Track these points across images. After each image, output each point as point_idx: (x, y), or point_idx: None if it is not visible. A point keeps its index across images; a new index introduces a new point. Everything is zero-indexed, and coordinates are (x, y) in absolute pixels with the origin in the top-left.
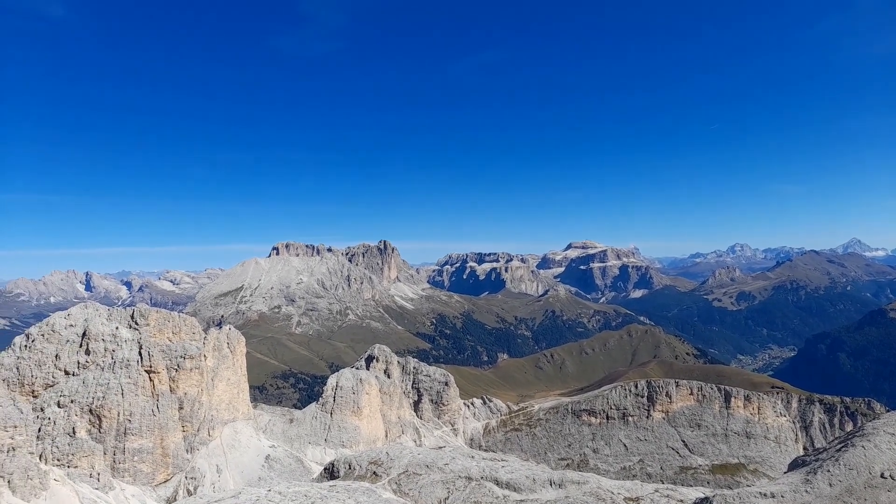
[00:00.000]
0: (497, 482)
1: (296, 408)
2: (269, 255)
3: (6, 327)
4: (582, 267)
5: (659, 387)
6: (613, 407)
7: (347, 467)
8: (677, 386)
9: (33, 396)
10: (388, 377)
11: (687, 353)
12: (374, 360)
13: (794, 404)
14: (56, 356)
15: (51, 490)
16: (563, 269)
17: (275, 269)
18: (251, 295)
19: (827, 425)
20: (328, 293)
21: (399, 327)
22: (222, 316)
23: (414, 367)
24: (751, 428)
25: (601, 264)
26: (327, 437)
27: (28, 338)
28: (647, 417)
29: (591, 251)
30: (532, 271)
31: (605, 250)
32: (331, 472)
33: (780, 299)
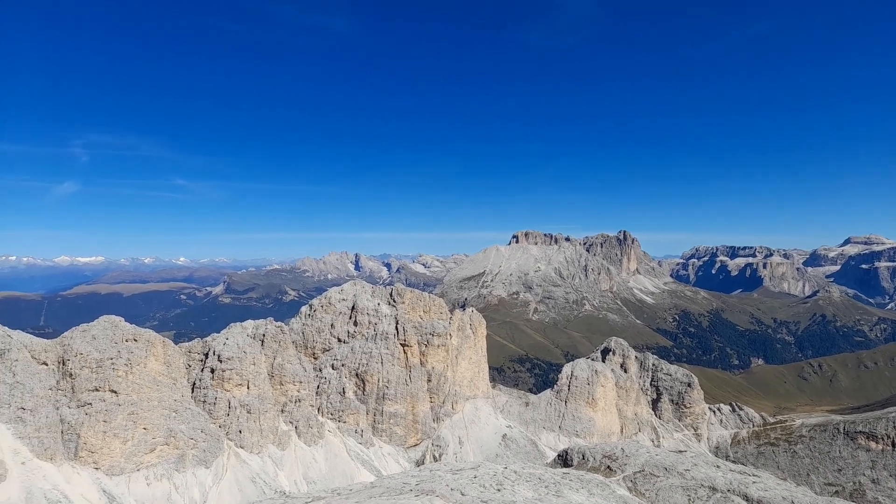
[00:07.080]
0: (747, 498)
1: (531, 392)
2: (509, 243)
3: (295, 298)
4: (863, 266)
5: None
6: None
7: (581, 457)
8: None
9: (314, 358)
10: (625, 372)
11: None
12: (611, 353)
13: None
14: (332, 325)
15: (325, 439)
16: (837, 267)
17: (514, 256)
18: (492, 280)
19: None
20: (565, 282)
21: (637, 321)
22: (466, 299)
23: (653, 364)
24: None
25: (890, 263)
26: (561, 425)
27: (311, 308)
28: None
29: (876, 247)
30: (797, 269)
31: None
32: (564, 460)
33: None
